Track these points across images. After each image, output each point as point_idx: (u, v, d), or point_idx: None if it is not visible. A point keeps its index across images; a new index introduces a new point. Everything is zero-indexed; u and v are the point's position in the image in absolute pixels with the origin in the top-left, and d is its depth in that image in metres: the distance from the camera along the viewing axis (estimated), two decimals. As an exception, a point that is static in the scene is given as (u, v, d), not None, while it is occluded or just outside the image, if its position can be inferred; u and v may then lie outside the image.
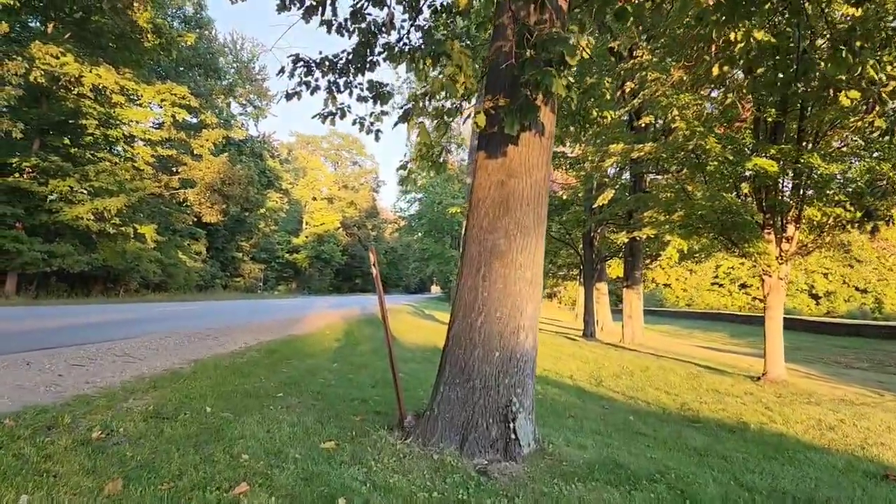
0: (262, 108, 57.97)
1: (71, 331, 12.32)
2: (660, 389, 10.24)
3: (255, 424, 5.00)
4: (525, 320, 4.80)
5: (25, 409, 4.95)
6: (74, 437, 4.25)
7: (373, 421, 5.61)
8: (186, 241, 41.69)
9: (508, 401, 4.65)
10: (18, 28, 26.77)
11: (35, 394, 5.73)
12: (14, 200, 25.52)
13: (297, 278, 73.69)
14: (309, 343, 12.41)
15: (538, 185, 4.95)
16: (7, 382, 6.11)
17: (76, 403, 5.38)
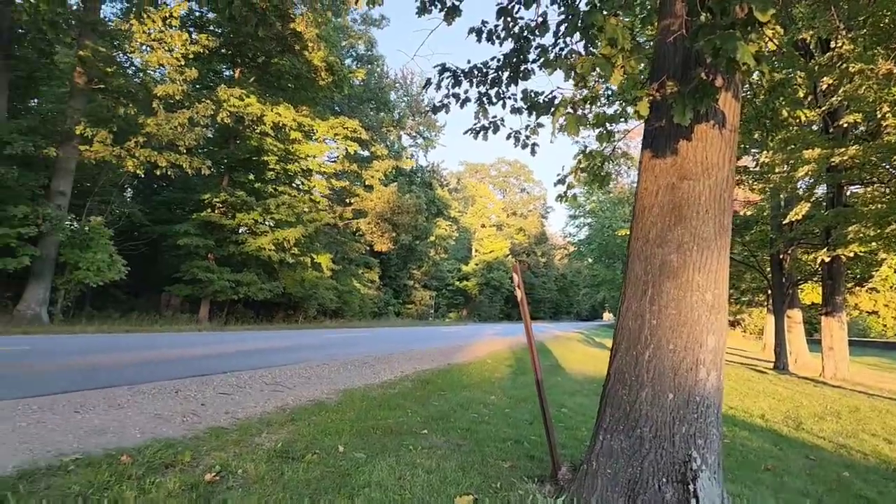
0: (430, 139, 59.47)
1: (239, 356, 12.54)
2: (878, 436, 8.30)
3: (386, 470, 4.23)
4: (705, 354, 3.61)
5: (151, 443, 4.58)
6: (186, 478, 3.73)
7: (524, 468, 4.65)
8: (360, 270, 43.22)
9: (687, 455, 3.48)
10: (211, 74, 29.26)
11: (170, 425, 5.41)
12: (206, 233, 27.61)
13: (467, 305, 74.23)
14: (467, 373, 11.65)
15: (719, 187, 3.77)
16: (147, 411, 5.88)
17: (206, 437, 4.97)
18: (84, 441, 4.67)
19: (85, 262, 20.20)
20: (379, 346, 17.47)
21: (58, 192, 20.57)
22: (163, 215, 30.24)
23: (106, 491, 3.44)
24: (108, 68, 20.72)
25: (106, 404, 6.03)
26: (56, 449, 4.37)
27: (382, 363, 12.26)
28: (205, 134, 24.41)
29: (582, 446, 5.80)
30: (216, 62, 29.35)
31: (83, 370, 8.89)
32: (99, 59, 20.13)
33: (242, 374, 8.76)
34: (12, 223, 18.38)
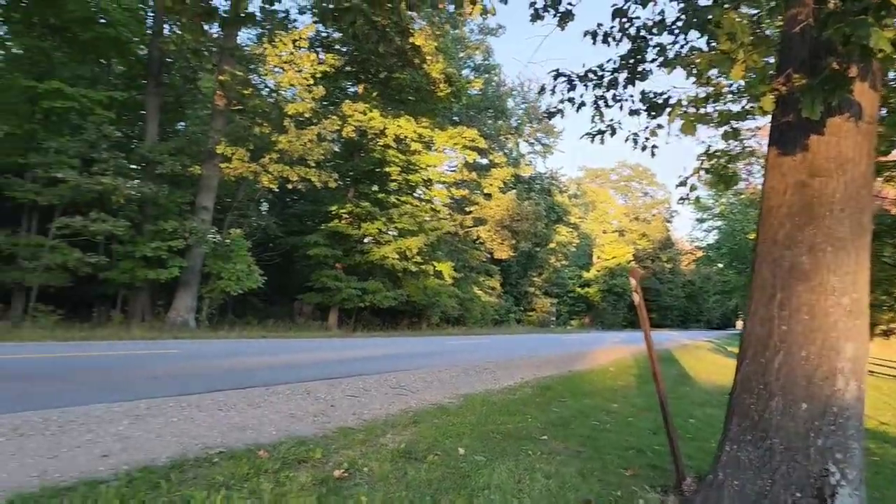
0: (549, 145, 59.05)
1: (365, 361, 13.06)
2: None
3: (505, 473, 4.29)
4: (843, 362, 3.39)
5: (285, 440, 4.89)
6: (317, 474, 3.96)
7: (646, 477, 4.55)
8: (481, 277, 43.53)
9: (824, 470, 3.28)
10: (337, 91, 30.68)
11: (302, 423, 5.75)
12: (334, 243, 28.89)
13: (589, 312, 72.80)
14: (588, 380, 11.49)
15: (855, 183, 3.53)
16: (282, 410, 6.27)
17: (335, 436, 5.24)
18: (227, 436, 5.06)
19: (226, 273, 21.74)
20: (499, 353, 17.57)
21: (202, 208, 22.29)
22: (294, 227, 31.96)
23: (246, 482, 3.71)
24: (245, 90, 22.25)
25: (245, 403, 6.49)
26: (202, 443, 4.77)
27: (503, 369, 12.34)
28: (331, 148, 25.61)
29: (709, 458, 5.59)
30: (341, 80, 30.73)
31: (225, 372, 9.61)
32: (236, 82, 21.67)
33: (368, 378, 9.12)
34: (163, 237, 20.10)
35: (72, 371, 8.50)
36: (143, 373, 8.89)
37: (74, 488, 3.36)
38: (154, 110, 22.49)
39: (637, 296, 4.20)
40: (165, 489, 3.47)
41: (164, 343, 14.77)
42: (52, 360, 9.58)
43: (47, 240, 17.98)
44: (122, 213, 19.50)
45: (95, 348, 12.32)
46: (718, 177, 7.30)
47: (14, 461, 3.94)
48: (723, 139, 7.73)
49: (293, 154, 22.68)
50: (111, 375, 8.32)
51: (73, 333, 15.22)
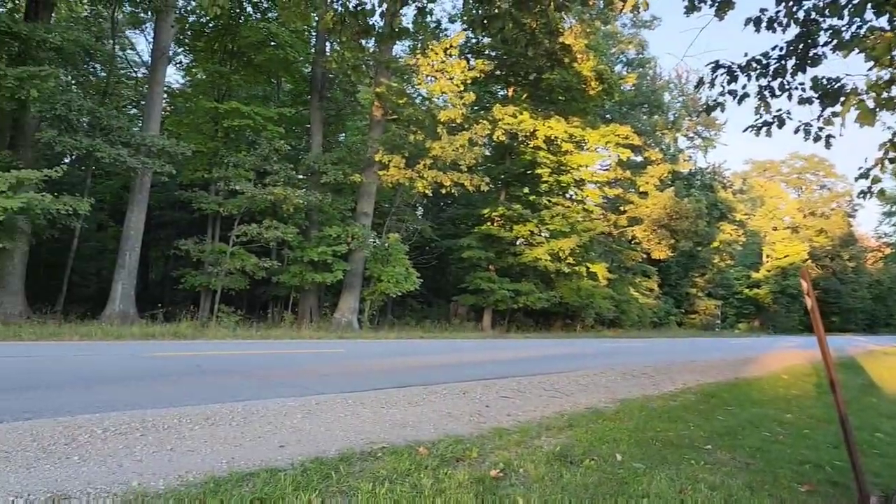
0: (710, 138, 56.03)
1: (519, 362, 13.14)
2: None
3: (665, 481, 4.16)
4: None
5: (444, 438, 5.07)
6: (474, 472, 4.08)
7: (824, 494, 4.23)
8: (637, 278, 42.16)
9: None
10: (487, 96, 31.12)
11: (459, 422, 5.91)
12: (487, 246, 29.29)
13: (759, 315, 67.98)
14: (757, 388, 10.75)
15: None
16: (440, 409, 6.50)
17: (490, 436, 5.34)
18: (389, 432, 5.33)
19: (386, 275, 22.77)
20: (658, 357, 16.94)
21: (362, 213, 23.53)
22: (448, 230, 32.80)
23: (407, 477, 3.89)
24: (400, 100, 23.20)
25: (405, 402, 6.79)
26: (367, 438, 5.05)
27: (662, 374, 11.87)
28: (483, 153, 26.03)
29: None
30: (491, 84, 31.15)
31: (386, 371, 10.14)
32: (392, 93, 22.66)
33: (522, 379, 9.17)
34: (328, 242, 21.44)
35: (251, 367, 9.36)
36: (313, 370, 9.61)
37: (256, 474, 3.71)
38: (318, 124, 24.09)
39: (809, 299, 3.90)
40: (335, 480, 3.73)
41: (332, 343, 15.79)
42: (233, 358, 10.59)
43: (228, 247, 19.82)
44: (291, 221, 21.05)
45: (270, 347, 13.49)
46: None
47: (206, 447, 4.42)
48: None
49: (446, 159, 23.31)
50: (284, 372, 9.05)
51: (251, 333, 16.69)
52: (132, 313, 18.37)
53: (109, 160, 17.21)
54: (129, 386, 6.93)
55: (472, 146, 23.95)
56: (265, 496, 3.31)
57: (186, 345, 12.80)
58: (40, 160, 18.36)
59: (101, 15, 23.13)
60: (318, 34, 24.09)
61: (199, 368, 8.88)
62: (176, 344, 12.80)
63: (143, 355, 10.00)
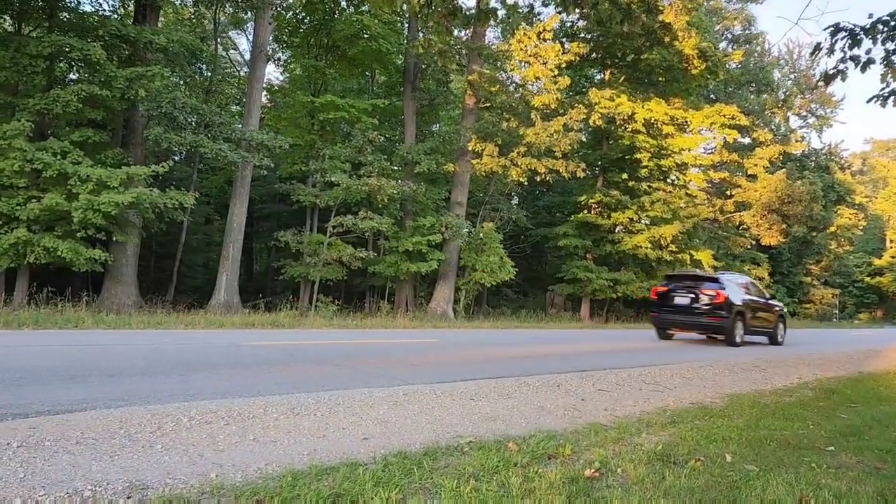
0: (825, 116, 52.31)
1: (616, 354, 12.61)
2: None
3: (783, 487, 3.69)
4: None
5: (535, 433, 4.75)
6: (567, 471, 3.76)
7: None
8: (746, 266, 39.94)
9: None
10: (582, 80, 30.25)
11: (552, 417, 5.59)
12: (584, 234, 28.55)
13: (882, 305, 63.21)
14: (886, 384, 9.78)
15: None
16: (533, 402, 6.17)
17: (586, 432, 4.98)
18: (477, 426, 5.05)
19: (481, 265, 22.57)
20: (770, 349, 15.90)
21: (456, 203, 23.42)
22: (544, 219, 32.24)
23: (494, 475, 3.61)
24: (492, 87, 22.86)
25: (496, 394, 6.47)
26: (454, 431, 4.80)
27: (774, 367, 11.03)
28: (578, 138, 25.34)
29: None
30: (586, 68, 30.28)
31: (478, 361, 9.88)
32: (484, 80, 22.35)
33: (621, 371, 8.67)
34: (423, 232, 21.46)
35: (343, 357, 9.34)
36: (404, 360, 9.48)
37: (336, 469, 3.55)
38: (411, 114, 24.13)
39: None
40: (418, 476, 3.52)
41: (426, 332, 15.73)
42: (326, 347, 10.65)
43: (325, 237, 20.19)
44: (386, 211, 21.21)
45: (364, 336, 13.55)
46: None
47: (289, 438, 4.32)
48: None
49: (540, 146, 22.79)
50: (376, 361, 8.98)
51: (347, 322, 16.89)
52: (235, 303, 19.08)
53: (212, 155, 17.87)
54: (222, 374, 7.00)
55: (568, 132, 23.29)
56: (343, 491, 3.13)
57: (284, 334, 13.03)
58: (149, 157, 19.36)
59: (204, 16, 24.07)
60: (410, 24, 24.11)
61: (292, 357, 8.94)
62: (273, 333, 13.04)
63: (240, 344, 10.19)
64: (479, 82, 22.32)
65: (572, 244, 27.82)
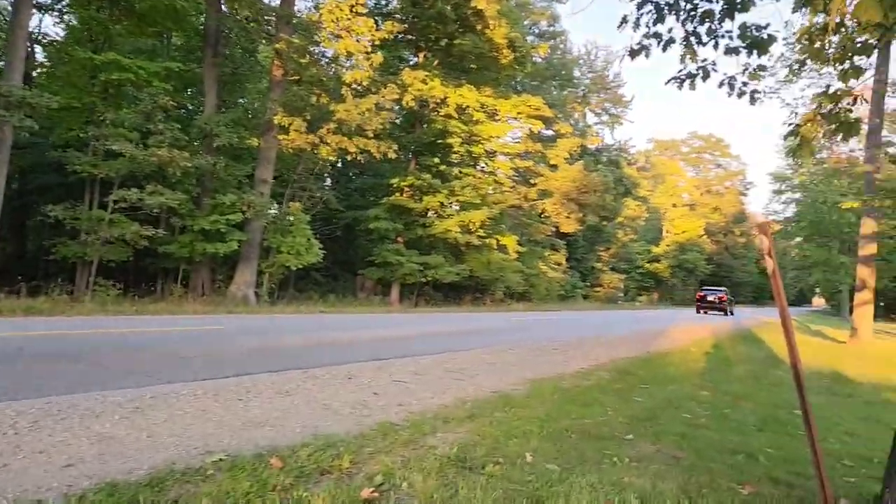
0: (617, 115, 56.83)
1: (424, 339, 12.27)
2: None
3: (587, 492, 3.29)
4: None
5: (310, 441, 3.98)
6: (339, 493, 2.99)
7: (770, 499, 3.52)
8: (547, 252, 42.30)
9: None
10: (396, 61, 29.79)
11: (336, 417, 4.87)
12: (395, 217, 28.20)
13: (658, 288, 70.52)
14: (670, 362, 10.34)
15: None
16: (316, 400, 5.41)
17: (373, 435, 4.31)
18: (237, 435, 4.16)
19: (286, 247, 21.31)
20: (568, 331, 16.52)
21: (261, 181, 21.87)
22: (356, 201, 31.46)
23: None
24: (302, 59, 21.59)
25: (273, 391, 5.65)
26: (204, 445, 3.87)
27: (573, 349, 11.30)
28: (391, 118, 24.84)
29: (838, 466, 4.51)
30: (401, 48, 29.88)
31: (265, 352, 8.84)
32: (293, 50, 21.00)
33: (423, 358, 8.23)
34: (222, 210, 19.75)
35: (98, 350, 7.84)
36: (176, 352, 8.15)
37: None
38: (212, 82, 22.09)
39: (771, 260, 3.14)
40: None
41: (215, 318, 14.26)
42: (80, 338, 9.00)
43: (106, 213, 17.82)
44: (180, 187, 19.23)
45: (143, 324, 11.81)
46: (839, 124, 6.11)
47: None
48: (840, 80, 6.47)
49: (351, 124, 21.96)
50: (138, 355, 7.64)
51: (125, 308, 14.88)
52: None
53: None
54: None
55: (380, 111, 22.68)
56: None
57: (34, 323, 10.78)
58: None
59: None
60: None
61: (20, 353, 7.27)
62: (19, 322, 10.85)
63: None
64: (287, 52, 20.94)
65: (384, 227, 27.39)
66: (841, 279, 44.62)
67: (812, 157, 42.45)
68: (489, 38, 27.29)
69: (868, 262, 19.36)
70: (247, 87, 26.92)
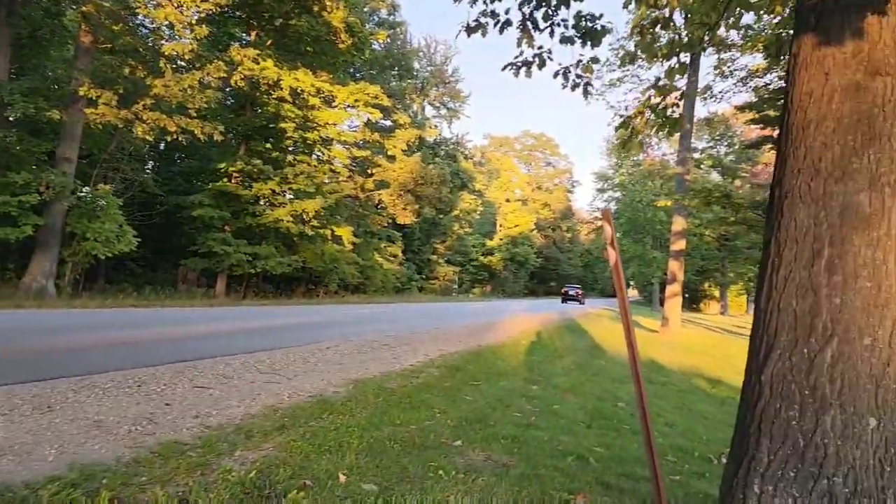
0: (455, 109, 57.73)
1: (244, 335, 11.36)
2: None
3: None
4: (921, 353, 2.24)
5: (61, 475, 3.13)
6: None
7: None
8: (383, 244, 41.97)
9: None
10: (226, 38, 27.89)
11: (109, 437, 3.98)
12: (222, 204, 26.45)
13: (491, 281, 72.92)
14: (502, 356, 10.30)
15: None
16: (86, 416, 4.44)
17: (151, 460, 3.51)
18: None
19: (93, 233, 19.12)
20: (401, 324, 16.19)
21: (63, 159, 19.44)
22: (180, 186, 29.21)
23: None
24: (115, 26, 19.44)
25: (32, 406, 4.57)
26: None
27: (404, 344, 10.93)
28: (217, 97, 23.16)
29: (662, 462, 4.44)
30: (231, 25, 28.04)
31: (43, 354, 7.52)
32: (104, 15, 18.83)
33: (235, 359, 7.39)
34: (13, 190, 17.31)
35: None
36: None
37: None
38: (4, 44, 19.28)
39: (613, 251, 2.86)
40: None
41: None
42: None
43: None
44: (-39, 162, 16.60)
45: None
46: (664, 119, 6.19)
47: None
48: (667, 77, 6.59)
49: (171, 101, 20.13)
50: None
51: None
52: None
53: None
54: None
55: (205, 89, 21.02)
56: None
57: None
58: None
59: None
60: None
61: None
62: None
63: None
64: (96, 17, 18.72)
65: (209, 215, 25.58)
66: (653, 272, 48.54)
67: (641, 150, 45.82)
68: (327, 21, 26.28)
69: (678, 256, 20.95)
70: (50, 53, 23.88)
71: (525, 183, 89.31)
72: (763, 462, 2.27)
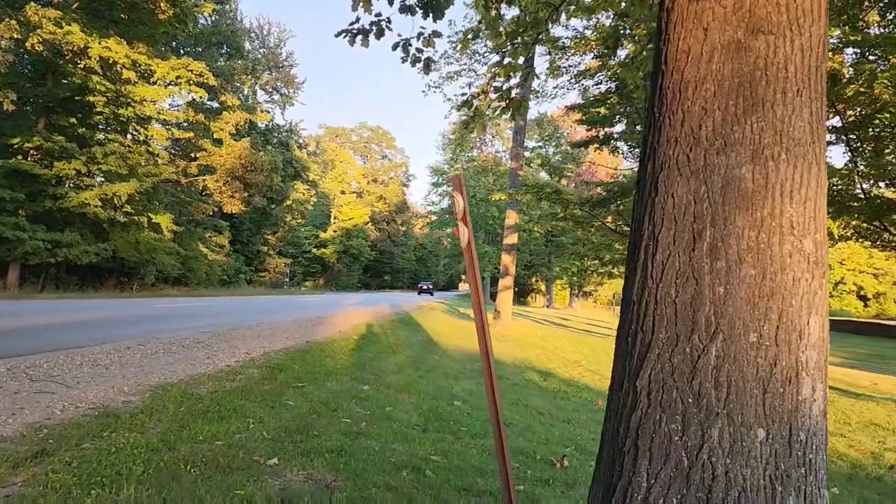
0: (288, 95, 55.54)
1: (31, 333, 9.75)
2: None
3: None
4: (808, 351, 1.93)
5: None
6: None
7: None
8: (208, 233, 39.38)
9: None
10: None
11: None
12: (15, 184, 23.23)
13: (324, 274, 71.44)
14: (330, 353, 9.62)
15: (814, 53, 2.09)
16: None
17: None
18: None
19: None
20: (223, 319, 14.93)
21: None
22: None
23: None
24: None
25: None
26: None
27: (222, 341, 9.88)
28: (6, 60, 20.20)
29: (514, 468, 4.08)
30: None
31: None
32: None
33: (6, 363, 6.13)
34: None
35: None
36: None
37: None
38: None
39: (466, 228, 2.35)
40: None
41: None
42: None
43: None
44: None
45: None
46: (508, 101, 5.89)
47: None
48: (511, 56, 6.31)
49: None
50: None
51: None
52: None
53: None
54: None
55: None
56: None
57: None
58: None
59: None
60: None
61: None
62: None
63: None
64: None
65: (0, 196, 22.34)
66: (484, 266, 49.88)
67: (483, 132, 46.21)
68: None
69: (510, 250, 21.37)
70: None
71: (361, 175, 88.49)
72: (642, 487, 1.87)
